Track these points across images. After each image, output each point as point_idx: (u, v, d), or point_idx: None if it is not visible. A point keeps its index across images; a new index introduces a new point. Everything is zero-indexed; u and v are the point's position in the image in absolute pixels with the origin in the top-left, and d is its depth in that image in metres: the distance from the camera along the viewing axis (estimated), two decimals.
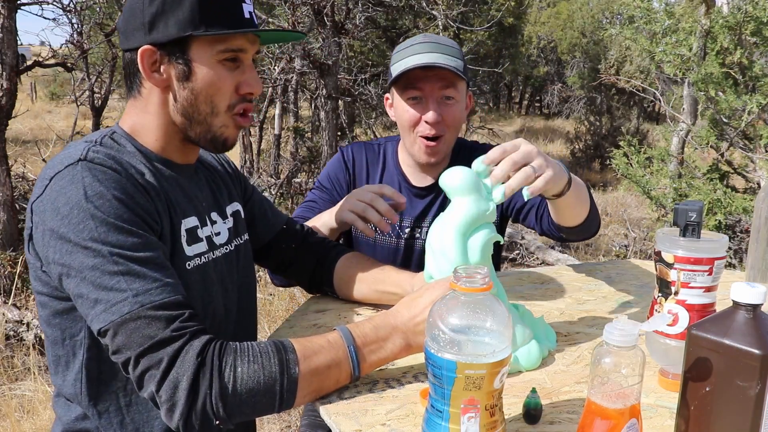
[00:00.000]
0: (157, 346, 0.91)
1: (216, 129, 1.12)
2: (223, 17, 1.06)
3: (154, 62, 1.07)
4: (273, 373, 0.94)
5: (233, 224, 1.27)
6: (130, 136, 1.12)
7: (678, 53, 4.56)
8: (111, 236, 0.94)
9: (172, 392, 0.91)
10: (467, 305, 0.83)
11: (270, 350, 0.96)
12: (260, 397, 0.93)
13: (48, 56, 5.32)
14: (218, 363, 0.92)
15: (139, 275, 0.93)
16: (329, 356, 0.99)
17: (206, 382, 0.90)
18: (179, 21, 1.04)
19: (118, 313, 0.91)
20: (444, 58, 1.56)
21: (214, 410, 0.91)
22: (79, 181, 0.96)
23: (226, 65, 1.09)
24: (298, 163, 7.32)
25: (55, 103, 15.68)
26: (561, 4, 17.25)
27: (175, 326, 0.92)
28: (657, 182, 4.76)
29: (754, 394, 0.76)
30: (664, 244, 1.05)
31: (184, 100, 1.09)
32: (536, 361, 1.13)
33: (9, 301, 3.85)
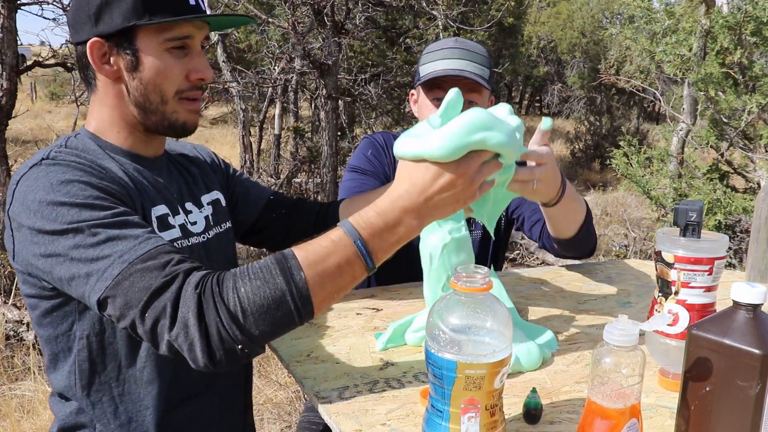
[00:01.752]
0: (156, 294, 0.89)
1: (169, 115, 1.12)
2: (167, 5, 1.06)
3: (103, 54, 1.08)
4: (278, 284, 0.88)
5: (212, 212, 1.27)
6: (95, 135, 1.13)
7: (678, 53, 4.56)
8: (84, 214, 0.95)
9: (185, 333, 0.88)
10: (467, 305, 0.83)
11: (270, 263, 0.90)
12: (273, 311, 0.88)
13: (48, 56, 5.32)
14: (218, 289, 0.88)
15: (119, 237, 0.93)
16: (337, 258, 0.91)
17: (212, 311, 0.87)
18: (123, 11, 1.05)
19: (110, 277, 0.91)
20: (472, 66, 1.60)
21: (231, 335, 0.87)
22: (43, 177, 0.98)
23: (174, 53, 1.09)
24: (298, 163, 7.31)
25: (55, 103, 15.68)
26: (561, 4, 17.24)
27: (167, 271, 0.90)
28: (657, 182, 4.76)
29: (754, 394, 0.76)
30: (665, 244, 1.05)
31: (135, 90, 1.09)
32: (537, 361, 1.13)
33: (9, 301, 3.86)
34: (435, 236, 1.11)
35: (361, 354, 1.18)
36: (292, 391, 3.14)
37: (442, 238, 1.11)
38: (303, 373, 1.11)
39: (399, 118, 7.93)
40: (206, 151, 1.40)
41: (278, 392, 3.18)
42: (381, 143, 1.80)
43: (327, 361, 1.15)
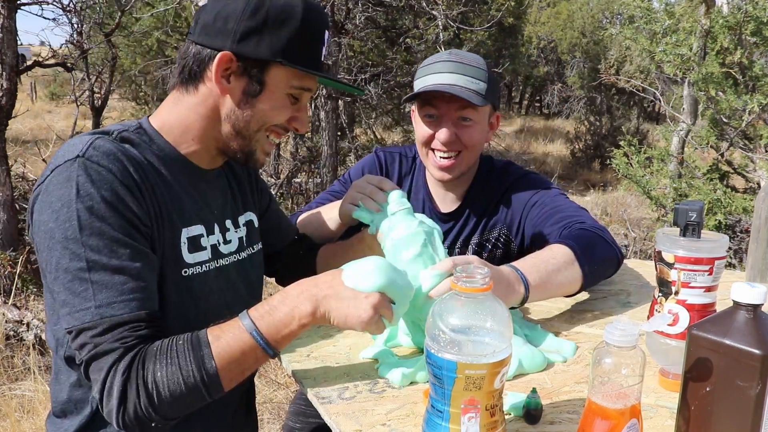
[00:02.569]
0: (102, 355, 0.96)
1: (252, 144, 1.14)
2: (307, 55, 1.10)
3: (227, 69, 1.08)
4: (190, 372, 0.97)
5: (246, 233, 1.27)
6: (157, 132, 1.12)
7: (678, 53, 4.56)
8: (92, 240, 0.96)
9: (108, 399, 0.96)
10: (467, 305, 0.83)
11: (186, 349, 0.97)
12: (186, 396, 0.97)
13: (48, 56, 5.32)
14: (142, 372, 0.96)
15: (107, 286, 0.96)
16: (240, 343, 0.99)
17: (133, 393, 0.95)
18: (273, 45, 1.06)
19: (80, 320, 0.96)
20: (464, 80, 1.52)
21: (146, 414, 0.96)
22: (73, 179, 0.97)
23: (291, 99, 1.13)
24: (298, 163, 7.31)
25: (55, 103, 15.68)
26: (561, 4, 17.25)
27: (122, 338, 0.96)
28: (657, 182, 4.76)
29: (754, 394, 0.76)
30: (665, 244, 1.05)
31: (241, 113, 1.11)
32: (540, 364, 1.12)
33: (9, 301, 3.85)
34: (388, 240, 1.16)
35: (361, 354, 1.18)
36: (292, 391, 3.15)
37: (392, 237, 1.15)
38: (303, 373, 1.11)
39: (399, 118, 7.94)
40: (254, 169, 1.38)
41: (278, 392, 3.18)
42: (381, 162, 1.75)
43: (327, 361, 1.15)
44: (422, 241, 1.15)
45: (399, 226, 1.18)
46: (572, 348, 1.19)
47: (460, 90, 1.50)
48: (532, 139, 14.23)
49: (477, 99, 1.51)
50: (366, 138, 7.66)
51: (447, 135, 1.55)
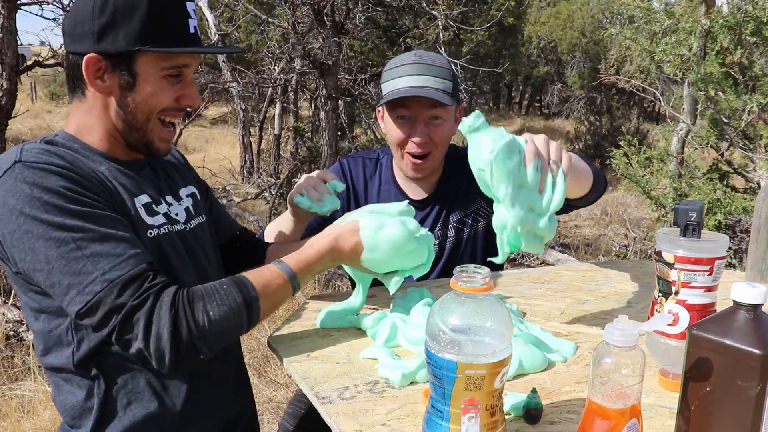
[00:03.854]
0: (132, 311, 1.00)
1: (148, 133, 1.17)
2: (170, 34, 1.11)
3: (98, 69, 1.10)
4: (241, 312, 1.08)
5: (191, 204, 1.32)
6: (74, 137, 1.16)
7: (678, 53, 4.56)
8: (68, 221, 1.00)
9: (157, 344, 1.01)
10: (467, 305, 0.83)
11: (235, 293, 1.09)
12: (232, 330, 1.09)
13: (48, 56, 5.32)
14: (191, 310, 1.04)
15: (102, 254, 1.00)
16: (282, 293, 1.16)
17: (185, 329, 1.02)
18: (129, 35, 1.08)
19: (91, 293, 0.99)
20: (432, 81, 1.60)
21: (197, 348, 1.04)
22: (21, 181, 1.00)
23: (169, 80, 1.14)
24: (298, 163, 7.32)
25: (55, 103, 15.68)
26: (561, 4, 17.24)
27: (143, 290, 1.01)
28: (657, 182, 4.76)
29: (754, 394, 0.76)
30: (665, 244, 1.05)
31: (125, 107, 1.14)
32: (541, 364, 1.12)
33: (9, 301, 3.85)
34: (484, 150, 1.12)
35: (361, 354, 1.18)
36: (292, 391, 3.14)
37: (491, 149, 1.12)
38: (303, 373, 1.11)
39: None
40: (178, 153, 1.44)
41: (278, 392, 3.18)
42: (345, 169, 1.80)
43: (327, 361, 1.15)
44: (518, 147, 1.14)
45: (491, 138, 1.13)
46: (572, 348, 1.19)
47: (431, 92, 1.58)
48: None
49: (447, 99, 1.59)
50: (366, 138, 7.66)
51: (421, 136, 1.63)
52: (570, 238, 6.66)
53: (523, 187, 1.13)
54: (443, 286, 1.53)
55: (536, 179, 1.15)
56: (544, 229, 1.16)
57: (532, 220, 1.14)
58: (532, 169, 1.14)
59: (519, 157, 1.13)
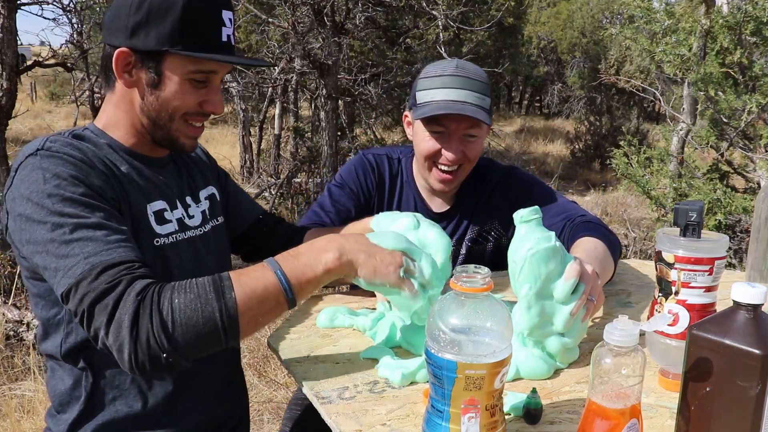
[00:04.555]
0: (103, 295, 0.96)
1: (173, 132, 1.19)
2: (201, 39, 1.12)
3: (127, 64, 1.13)
4: (210, 300, 0.96)
5: (208, 207, 1.33)
6: (102, 131, 1.19)
7: (678, 53, 4.56)
8: (66, 209, 1.01)
9: (117, 333, 0.95)
10: (467, 305, 0.83)
11: (206, 281, 0.99)
12: (202, 325, 0.96)
13: (48, 56, 5.32)
14: (157, 298, 0.96)
15: (91, 239, 1.00)
16: (263, 280, 1.00)
17: (146, 317, 0.94)
18: (159, 35, 1.10)
19: (73, 276, 0.98)
20: (473, 97, 1.53)
21: (158, 342, 0.94)
22: (38, 168, 1.04)
23: (194, 84, 1.15)
24: (298, 163, 7.31)
25: (55, 103, 15.67)
26: (561, 4, 17.24)
27: (119, 276, 0.98)
28: (657, 182, 4.76)
29: (754, 394, 0.76)
30: (665, 244, 1.05)
31: (149, 104, 1.16)
32: (542, 373, 1.10)
33: (9, 301, 3.85)
34: (524, 246, 1.09)
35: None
36: (292, 391, 3.14)
37: (530, 247, 1.08)
38: (303, 373, 1.11)
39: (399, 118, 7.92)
40: (201, 149, 1.45)
41: (278, 392, 3.18)
42: (372, 164, 1.75)
43: (327, 361, 1.15)
44: (560, 258, 1.09)
45: (536, 238, 1.09)
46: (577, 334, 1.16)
47: (472, 109, 1.51)
48: (532, 139, 14.23)
49: (487, 119, 1.54)
50: (366, 138, 7.66)
51: (455, 153, 1.57)
52: None
53: (548, 299, 1.08)
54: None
55: (566, 296, 1.08)
56: (556, 351, 1.11)
57: (545, 333, 1.10)
58: (567, 285, 1.07)
59: (557, 268, 1.08)
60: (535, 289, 1.07)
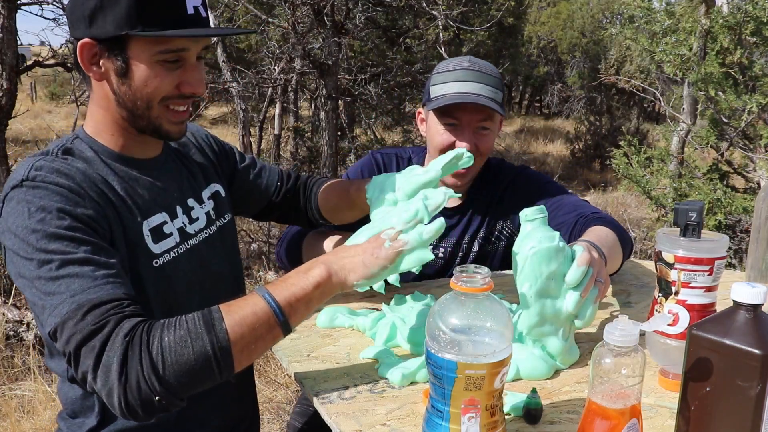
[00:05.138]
0: (90, 336, 0.91)
1: (154, 120, 1.10)
2: (163, 15, 1.02)
3: (93, 55, 1.05)
4: (200, 333, 0.92)
5: (213, 207, 1.28)
6: (92, 139, 1.12)
7: (678, 53, 4.56)
8: (51, 245, 0.95)
9: (105, 377, 0.90)
10: (467, 305, 0.83)
11: (196, 316, 0.95)
12: (193, 362, 0.91)
13: (48, 56, 5.32)
14: (146, 338, 0.91)
15: (78, 276, 0.94)
16: (252, 307, 0.96)
17: (136, 359, 0.90)
18: (116, 18, 1.01)
19: (59, 315, 0.93)
20: (486, 90, 1.55)
21: (149, 385, 0.90)
22: (23, 201, 0.99)
23: (166, 65, 1.06)
24: (298, 163, 7.31)
25: (55, 103, 15.66)
26: (561, 4, 17.24)
27: (106, 316, 0.92)
28: (657, 182, 4.76)
29: (754, 394, 0.76)
30: (665, 244, 1.05)
31: (123, 94, 1.07)
32: (543, 373, 1.11)
33: (9, 301, 3.85)
34: (527, 244, 1.09)
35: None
36: (292, 391, 3.14)
37: (533, 245, 1.08)
38: (303, 373, 1.11)
39: (399, 118, 7.93)
40: (203, 136, 1.37)
41: (278, 392, 3.18)
42: (379, 163, 1.75)
43: (327, 361, 1.15)
44: (563, 258, 1.09)
45: (539, 237, 1.10)
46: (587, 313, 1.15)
47: (486, 101, 1.53)
48: (532, 139, 14.22)
49: (500, 109, 1.55)
50: (366, 138, 7.66)
51: (469, 144, 1.57)
52: None
53: (548, 298, 1.09)
54: (443, 286, 1.53)
55: (577, 281, 1.08)
56: (556, 351, 1.11)
57: (544, 332, 1.10)
58: (579, 271, 1.08)
59: (559, 267, 1.08)
60: (535, 287, 1.07)
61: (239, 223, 5.60)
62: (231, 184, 1.39)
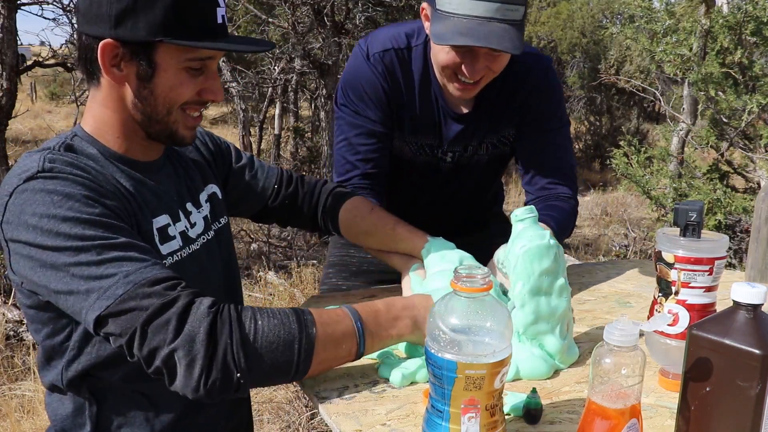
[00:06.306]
0: (160, 311, 0.89)
1: (171, 125, 1.09)
2: (195, 24, 1.02)
3: (114, 56, 1.01)
4: (293, 330, 0.94)
5: (210, 210, 1.25)
6: (93, 138, 1.08)
7: (678, 53, 4.56)
8: (89, 231, 0.92)
9: (189, 346, 0.87)
10: (467, 305, 0.83)
11: (288, 311, 0.97)
12: (280, 353, 0.92)
13: (48, 56, 5.32)
14: (236, 315, 0.91)
15: (125, 258, 0.92)
16: (342, 326, 1.01)
17: (226, 330, 0.89)
18: (150, 23, 0.98)
19: (113, 296, 0.89)
20: (504, 11, 1.28)
21: (236, 360, 0.88)
22: (41, 191, 0.93)
23: (190, 72, 1.05)
24: (298, 163, 7.32)
25: (55, 103, 15.66)
26: (561, 4, 17.23)
27: (175, 291, 0.91)
28: (657, 182, 4.76)
29: (754, 394, 0.76)
30: (665, 244, 1.05)
31: (143, 99, 1.05)
32: (542, 373, 1.10)
33: (9, 301, 3.85)
34: (518, 243, 1.10)
35: None
36: (291, 391, 3.14)
37: (523, 244, 1.09)
38: None
39: None
40: (199, 133, 1.34)
41: (278, 392, 3.18)
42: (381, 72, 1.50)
43: None
44: (554, 256, 1.10)
45: (530, 236, 1.11)
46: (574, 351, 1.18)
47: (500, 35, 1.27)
48: None
49: (517, 41, 1.29)
50: None
51: (479, 71, 1.38)
52: (570, 238, 6.65)
53: (542, 296, 1.09)
54: None
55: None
56: (555, 351, 1.11)
57: (540, 330, 1.10)
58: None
59: (551, 265, 1.09)
60: (528, 286, 1.08)
61: (239, 223, 5.60)
62: (226, 184, 1.36)
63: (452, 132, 1.59)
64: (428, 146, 1.61)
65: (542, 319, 1.10)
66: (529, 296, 1.09)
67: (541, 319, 1.10)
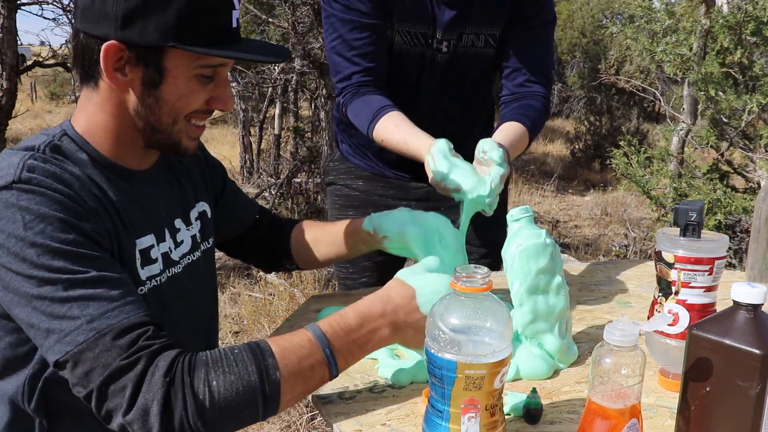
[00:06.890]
0: (118, 374, 0.83)
1: (174, 135, 1.02)
2: (210, 28, 0.94)
3: (119, 59, 0.93)
4: (252, 382, 0.86)
5: (199, 228, 1.18)
6: (83, 139, 0.99)
7: (678, 53, 4.56)
8: (56, 262, 0.85)
9: (144, 420, 0.83)
10: (467, 305, 0.83)
11: (246, 357, 0.88)
12: (241, 409, 0.86)
13: (48, 56, 5.32)
14: (189, 379, 0.84)
15: (92, 298, 0.85)
16: (311, 359, 0.91)
17: (180, 403, 0.83)
18: (162, 27, 0.91)
19: (73, 343, 0.83)
20: None
21: (193, 428, 0.84)
22: (13, 206, 0.86)
23: (201, 79, 0.98)
24: (298, 163, 7.31)
25: (55, 103, 15.66)
26: (561, 4, 17.23)
27: (136, 348, 0.84)
28: (657, 182, 4.76)
29: (754, 394, 0.76)
30: (665, 244, 1.05)
31: (147, 106, 0.97)
32: (542, 373, 1.10)
33: None
34: (514, 243, 1.11)
35: None
36: None
37: (519, 243, 1.10)
38: None
39: None
40: (202, 153, 1.28)
41: None
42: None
43: None
44: (550, 254, 1.10)
45: (526, 235, 1.11)
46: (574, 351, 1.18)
47: None
48: None
49: None
50: None
51: None
52: (570, 238, 6.65)
53: (540, 295, 1.10)
54: None
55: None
56: (554, 351, 1.11)
57: (538, 330, 1.10)
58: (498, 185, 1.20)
59: (548, 264, 1.09)
60: (525, 285, 1.09)
61: None
62: (216, 204, 1.29)
63: (446, 17, 1.53)
64: (422, 35, 1.55)
65: (540, 317, 1.10)
66: (527, 295, 1.09)
67: (540, 317, 1.10)
